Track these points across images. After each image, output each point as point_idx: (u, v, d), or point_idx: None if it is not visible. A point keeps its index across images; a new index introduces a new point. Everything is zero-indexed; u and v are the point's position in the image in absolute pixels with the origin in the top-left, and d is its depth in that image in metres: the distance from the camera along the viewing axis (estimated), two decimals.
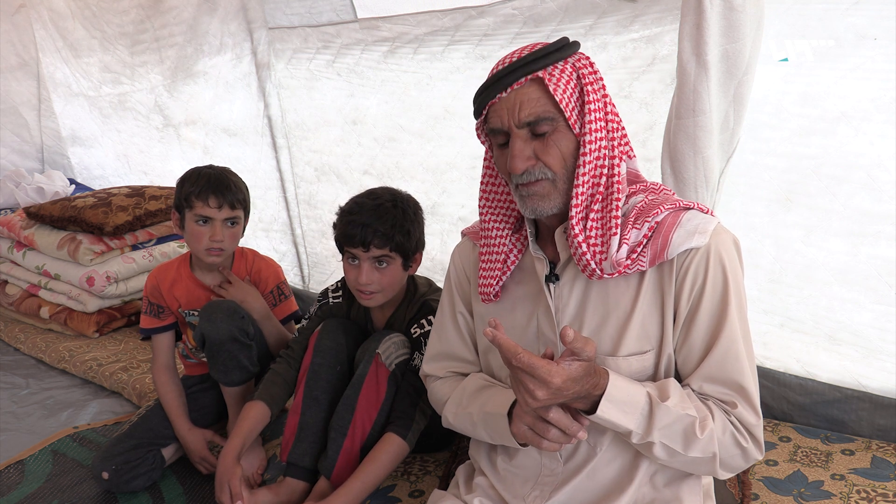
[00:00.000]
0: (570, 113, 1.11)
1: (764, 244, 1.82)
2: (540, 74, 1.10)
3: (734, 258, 1.15)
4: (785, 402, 1.92)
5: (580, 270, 1.16)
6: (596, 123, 1.12)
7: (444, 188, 2.46)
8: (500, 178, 1.28)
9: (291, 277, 3.11)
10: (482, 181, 1.30)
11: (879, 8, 1.51)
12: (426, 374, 1.48)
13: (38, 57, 3.96)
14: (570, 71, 1.12)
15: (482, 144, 1.27)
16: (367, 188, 1.81)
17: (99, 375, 2.52)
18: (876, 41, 1.53)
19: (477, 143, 1.24)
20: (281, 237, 3.11)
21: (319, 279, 3.04)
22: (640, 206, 1.15)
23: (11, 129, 4.08)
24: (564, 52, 1.12)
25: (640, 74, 1.87)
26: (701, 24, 1.47)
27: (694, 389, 1.15)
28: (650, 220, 1.13)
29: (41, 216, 3.01)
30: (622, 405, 1.08)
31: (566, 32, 1.93)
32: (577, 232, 1.13)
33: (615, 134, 1.15)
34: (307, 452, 1.69)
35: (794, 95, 1.66)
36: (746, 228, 1.80)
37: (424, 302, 1.81)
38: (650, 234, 1.13)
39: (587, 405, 1.09)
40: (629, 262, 1.12)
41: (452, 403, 1.36)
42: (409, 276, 1.83)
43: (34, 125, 4.13)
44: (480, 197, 1.30)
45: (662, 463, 1.15)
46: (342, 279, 1.92)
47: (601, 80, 1.15)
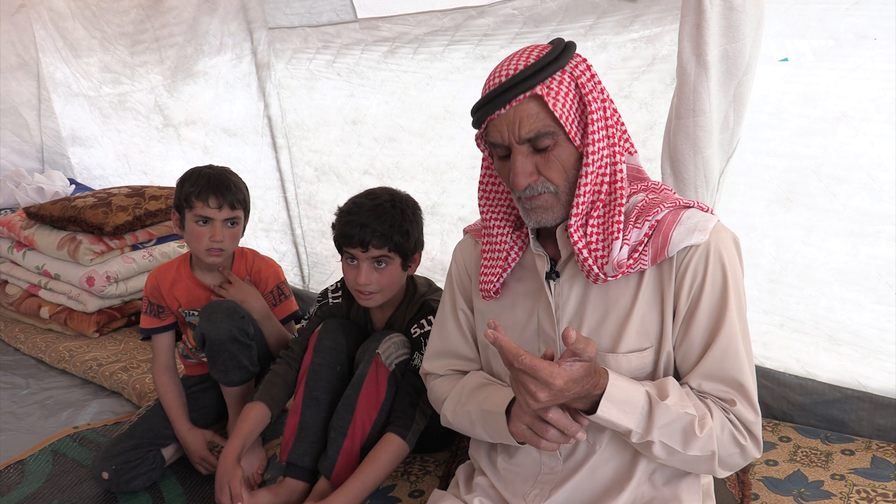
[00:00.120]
0: (570, 126, 1.11)
1: (764, 244, 1.82)
2: (539, 91, 1.09)
3: (734, 256, 1.16)
4: (785, 402, 1.92)
5: (584, 276, 1.17)
6: (598, 133, 1.12)
7: (444, 188, 2.46)
8: (499, 179, 1.28)
9: (291, 277, 3.11)
10: (481, 181, 1.30)
11: (879, 8, 1.51)
12: (427, 372, 1.48)
13: (38, 57, 3.96)
14: (567, 82, 1.11)
15: (481, 151, 1.27)
16: (366, 188, 1.81)
17: (99, 375, 2.52)
18: (876, 41, 1.53)
19: None
20: (281, 237, 3.11)
21: (319, 279, 3.04)
22: (640, 205, 1.16)
23: (11, 129, 4.08)
24: (561, 60, 1.11)
25: (640, 74, 1.86)
26: (701, 24, 1.47)
27: (693, 387, 1.15)
28: (650, 218, 1.13)
29: (41, 216, 3.01)
30: (622, 404, 1.08)
31: (566, 32, 1.92)
32: (576, 238, 1.14)
33: (615, 139, 1.15)
34: (307, 452, 1.69)
35: (794, 95, 1.66)
36: (746, 228, 1.80)
37: (424, 302, 1.81)
38: (651, 232, 1.13)
39: (587, 405, 1.10)
40: (631, 261, 1.13)
41: (451, 402, 1.36)
42: (408, 276, 1.83)
43: (34, 125, 4.13)
44: (480, 196, 1.30)
45: (661, 462, 1.15)
46: (342, 279, 1.92)
47: (599, 83, 1.14)
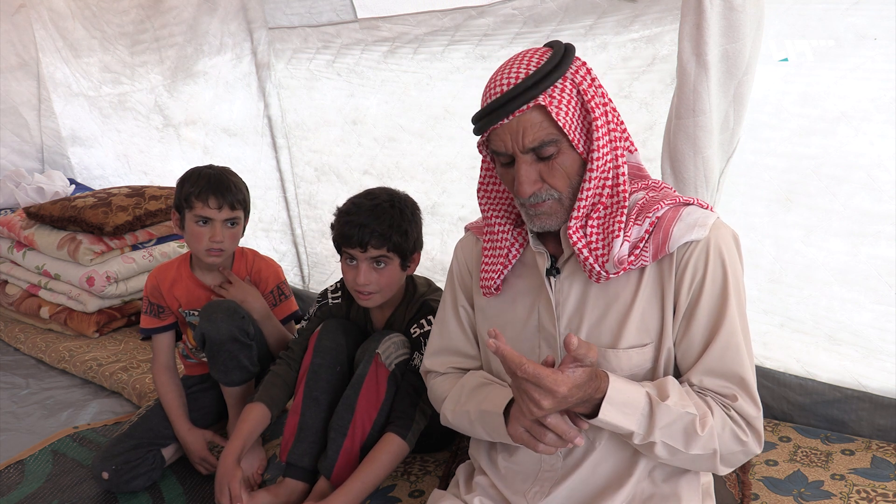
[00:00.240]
0: (573, 134, 1.12)
1: (764, 244, 1.82)
2: (542, 101, 1.09)
3: (733, 252, 1.16)
4: (785, 402, 1.92)
5: (587, 276, 1.17)
6: (602, 139, 1.13)
7: (444, 188, 2.46)
8: (498, 178, 1.28)
9: (291, 277, 3.11)
10: (480, 179, 1.31)
11: (879, 8, 1.51)
12: (427, 369, 1.48)
13: (38, 57, 3.96)
14: (570, 89, 1.11)
15: (482, 154, 1.28)
16: (366, 188, 1.81)
17: (99, 375, 2.52)
18: (876, 41, 1.53)
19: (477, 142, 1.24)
20: (281, 237, 3.11)
21: (319, 279, 3.04)
22: (640, 202, 1.17)
23: (11, 129, 4.07)
24: (563, 67, 1.11)
25: (640, 74, 1.86)
26: (701, 24, 1.47)
27: (694, 383, 1.16)
28: (651, 215, 1.14)
29: (41, 216, 3.01)
30: (623, 407, 1.08)
31: (566, 32, 1.92)
32: (576, 239, 1.15)
33: (618, 143, 1.16)
34: (307, 453, 1.69)
35: (794, 95, 1.66)
36: (746, 228, 1.80)
37: (424, 302, 1.80)
38: (651, 229, 1.14)
39: (589, 409, 1.10)
40: (632, 258, 1.13)
41: (451, 401, 1.37)
42: (408, 276, 1.83)
43: (34, 125, 4.13)
44: (480, 194, 1.31)
45: (664, 462, 1.16)
46: (341, 279, 1.92)
47: (600, 87, 1.15)
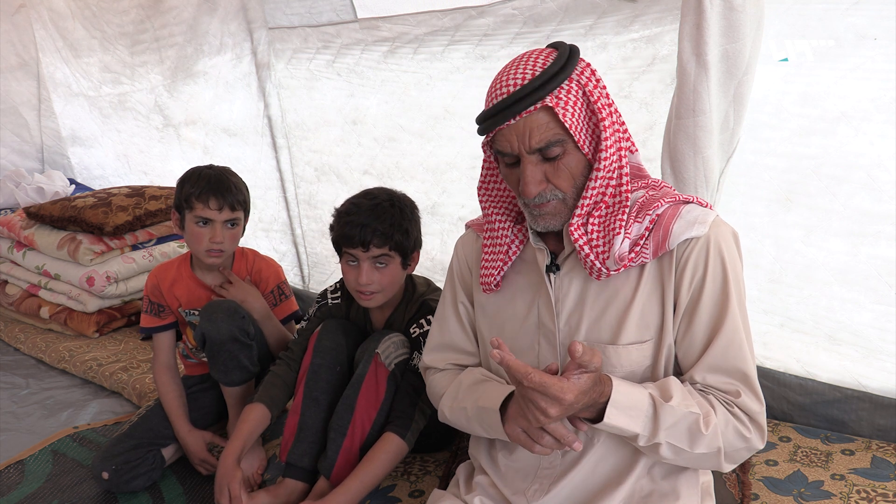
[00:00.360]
0: (578, 136, 1.12)
1: (764, 244, 1.82)
2: (549, 103, 1.09)
3: (733, 249, 1.17)
4: (785, 402, 1.92)
5: (587, 273, 1.18)
6: (609, 140, 1.14)
7: (444, 188, 2.46)
8: (500, 177, 1.29)
9: (291, 277, 3.11)
10: (481, 177, 1.31)
11: (879, 8, 1.51)
12: (426, 365, 1.49)
13: (38, 57, 3.96)
14: (575, 90, 1.12)
15: (484, 153, 1.28)
16: (364, 189, 1.81)
17: (99, 375, 2.52)
18: (876, 41, 1.53)
19: (477, 143, 1.24)
20: (281, 237, 3.11)
21: (319, 279, 3.04)
22: (641, 200, 1.18)
23: (11, 129, 4.07)
24: (568, 68, 1.11)
25: (640, 74, 1.86)
26: (701, 24, 1.47)
27: (697, 381, 1.16)
28: (651, 213, 1.15)
29: (41, 216, 3.01)
30: (627, 410, 1.09)
31: (566, 32, 1.92)
32: (577, 236, 1.15)
33: (622, 143, 1.17)
34: (306, 453, 1.69)
35: (794, 95, 1.66)
36: (746, 228, 1.80)
37: (423, 302, 1.81)
38: (651, 226, 1.15)
39: (593, 413, 1.11)
40: (633, 255, 1.14)
41: (448, 397, 1.37)
42: (407, 276, 1.83)
43: (34, 125, 4.13)
44: (479, 189, 1.31)
45: (668, 462, 1.16)
46: (341, 280, 1.92)
47: (604, 88, 1.16)
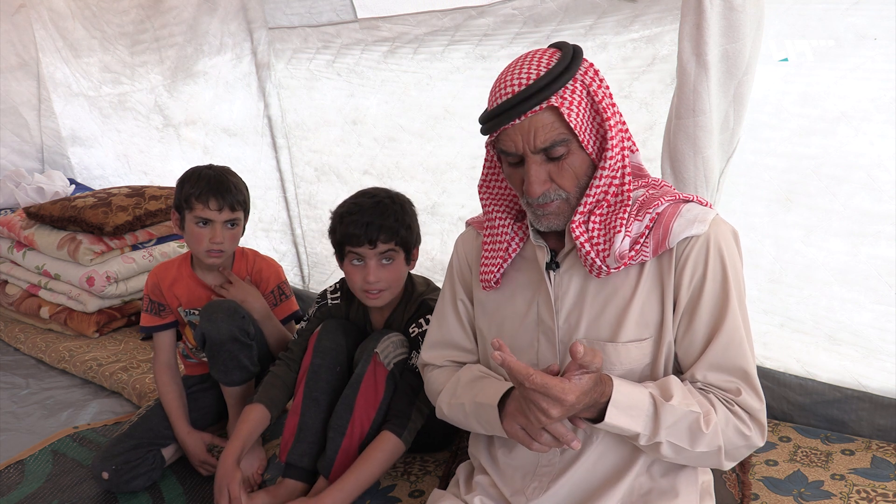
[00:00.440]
0: (583, 136, 1.13)
1: (764, 244, 1.82)
2: (554, 103, 1.10)
3: (732, 247, 1.17)
4: (785, 402, 1.92)
5: (587, 270, 1.18)
6: (615, 139, 1.14)
7: (444, 188, 2.46)
8: (501, 176, 1.29)
9: (291, 277, 3.11)
10: (482, 176, 1.31)
11: (879, 8, 1.51)
12: (425, 362, 1.49)
13: (38, 57, 3.96)
14: (580, 90, 1.12)
15: (486, 151, 1.28)
16: (358, 190, 1.82)
17: (99, 375, 2.52)
18: (876, 41, 1.53)
19: (477, 143, 1.25)
20: (281, 237, 3.11)
21: (319, 279, 3.04)
22: (641, 199, 1.18)
23: (11, 129, 4.07)
24: (573, 69, 1.12)
25: (640, 74, 1.86)
26: (701, 24, 1.47)
27: (698, 379, 1.16)
28: (651, 211, 1.15)
29: (41, 216, 3.01)
30: (628, 409, 1.09)
31: (566, 32, 1.92)
32: (578, 233, 1.16)
33: (625, 143, 1.17)
34: (306, 453, 1.69)
35: (794, 95, 1.66)
36: (746, 228, 1.79)
37: (423, 301, 1.81)
38: (651, 224, 1.15)
39: (594, 413, 1.11)
40: (633, 253, 1.14)
41: (446, 394, 1.37)
42: (407, 276, 1.83)
43: (34, 125, 4.13)
44: (480, 187, 1.32)
45: (669, 460, 1.16)
46: (340, 280, 1.92)
47: (608, 88, 1.16)
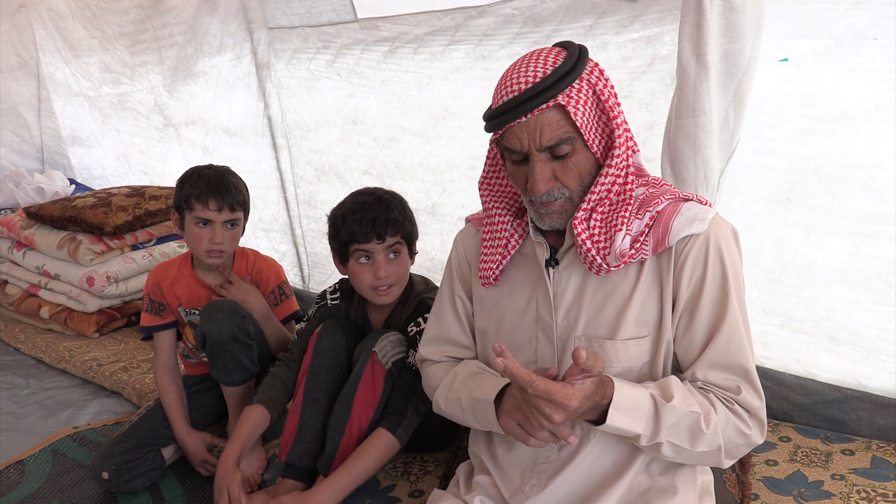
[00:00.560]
0: (588, 135, 1.13)
1: (764, 244, 1.82)
2: (561, 101, 1.10)
3: (732, 245, 1.18)
4: (785, 402, 1.92)
5: (587, 268, 1.18)
6: (622, 137, 1.15)
7: (444, 188, 2.46)
8: (503, 173, 1.29)
9: (291, 277, 3.11)
10: (484, 171, 1.32)
11: (879, 8, 1.51)
12: (422, 357, 1.49)
13: (38, 57, 3.96)
14: (586, 90, 1.13)
15: (490, 148, 1.28)
16: (356, 189, 1.82)
17: (99, 375, 2.52)
18: (876, 41, 1.53)
19: (477, 143, 1.24)
20: (281, 237, 3.11)
21: (319, 279, 3.04)
22: (641, 198, 1.18)
23: (11, 129, 4.07)
24: (579, 67, 1.12)
25: (640, 74, 1.86)
26: (701, 24, 1.47)
27: (699, 377, 1.17)
28: (651, 209, 1.15)
29: (41, 216, 3.01)
30: (629, 410, 1.09)
31: (566, 33, 1.92)
32: (580, 230, 1.16)
33: (629, 143, 1.17)
34: (306, 453, 1.69)
35: (794, 95, 1.66)
36: (746, 228, 1.79)
37: (421, 300, 1.81)
38: (651, 223, 1.16)
39: (595, 415, 1.11)
40: (633, 251, 1.15)
41: (443, 389, 1.38)
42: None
43: (34, 125, 4.13)
44: (481, 184, 1.32)
45: (669, 459, 1.16)
46: (340, 280, 1.92)
47: (613, 88, 1.16)
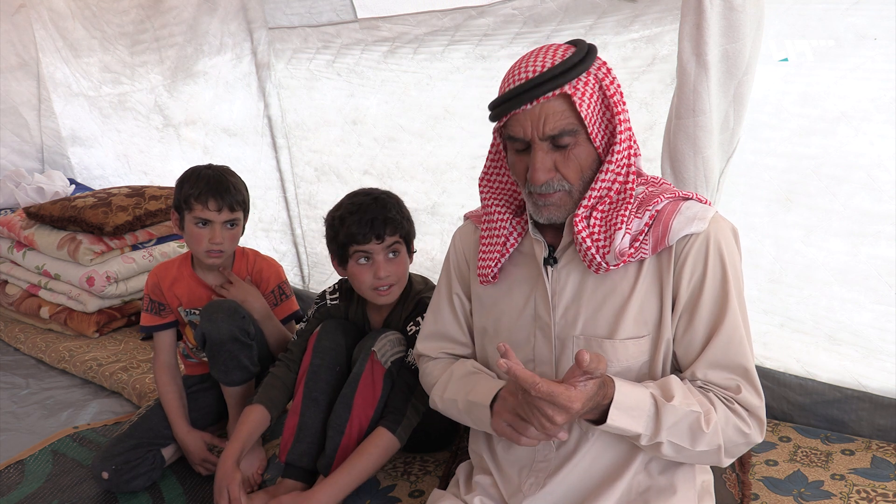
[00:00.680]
0: (591, 128, 1.13)
1: (764, 244, 1.82)
2: (567, 91, 1.10)
3: (731, 245, 1.18)
4: (785, 402, 1.92)
5: (586, 266, 1.18)
6: (624, 134, 1.15)
7: (444, 188, 2.46)
8: (505, 168, 1.29)
9: (291, 277, 3.11)
10: (485, 166, 1.31)
11: (879, 8, 1.51)
12: (420, 353, 1.50)
13: (38, 57, 3.96)
14: (593, 83, 1.13)
15: (493, 139, 1.28)
16: (352, 191, 1.82)
17: (99, 375, 2.52)
18: (876, 41, 1.53)
19: (477, 143, 1.24)
20: (281, 237, 3.11)
21: (319, 279, 3.04)
22: (641, 197, 1.18)
23: (11, 129, 4.07)
24: (587, 62, 1.12)
25: (640, 74, 1.86)
26: (701, 24, 1.47)
27: (699, 377, 1.17)
28: (651, 208, 1.15)
29: (41, 216, 3.01)
30: (630, 410, 1.09)
31: (566, 32, 1.92)
32: (580, 228, 1.16)
33: (631, 142, 1.17)
34: (306, 453, 1.69)
35: (794, 95, 1.66)
36: (746, 228, 1.79)
37: (420, 300, 1.81)
38: (651, 222, 1.16)
39: (596, 415, 1.11)
40: (632, 250, 1.14)
41: (440, 387, 1.39)
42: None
43: (34, 125, 4.13)
44: (481, 181, 1.32)
45: (669, 459, 1.16)
46: (339, 281, 1.92)
47: (619, 87, 1.16)
